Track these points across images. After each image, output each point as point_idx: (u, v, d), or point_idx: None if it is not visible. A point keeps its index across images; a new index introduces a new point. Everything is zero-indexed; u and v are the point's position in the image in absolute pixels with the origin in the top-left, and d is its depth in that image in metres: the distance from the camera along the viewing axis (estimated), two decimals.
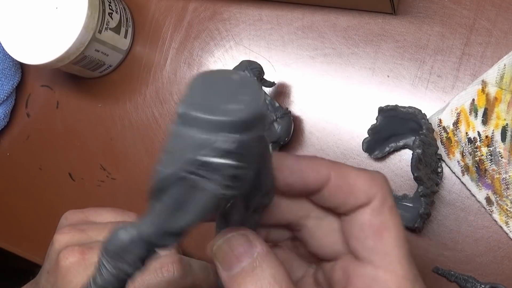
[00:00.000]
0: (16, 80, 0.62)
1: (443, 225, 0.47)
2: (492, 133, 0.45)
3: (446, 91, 0.48)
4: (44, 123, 0.63)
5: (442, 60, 0.48)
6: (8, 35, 0.54)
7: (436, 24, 0.49)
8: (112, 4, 0.56)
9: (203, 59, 0.57)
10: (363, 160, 0.50)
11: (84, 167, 0.60)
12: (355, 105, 0.51)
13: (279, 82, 0.53)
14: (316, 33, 0.52)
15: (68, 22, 0.52)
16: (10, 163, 0.65)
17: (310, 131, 0.52)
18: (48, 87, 0.63)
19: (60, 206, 0.62)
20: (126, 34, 0.58)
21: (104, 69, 0.59)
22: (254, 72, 0.48)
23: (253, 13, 0.55)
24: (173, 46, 0.58)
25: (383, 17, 0.50)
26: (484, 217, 0.46)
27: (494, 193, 0.45)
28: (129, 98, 0.59)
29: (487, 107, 0.45)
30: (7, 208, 0.65)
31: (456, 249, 0.47)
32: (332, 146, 0.51)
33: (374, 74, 0.50)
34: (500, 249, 0.45)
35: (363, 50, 0.51)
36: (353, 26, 0.51)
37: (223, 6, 0.56)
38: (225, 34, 0.56)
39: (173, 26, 0.58)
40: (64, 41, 0.52)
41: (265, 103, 0.50)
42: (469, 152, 0.46)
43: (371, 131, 0.48)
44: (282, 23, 0.54)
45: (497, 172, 0.45)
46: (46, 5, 0.53)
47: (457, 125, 0.46)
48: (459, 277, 0.46)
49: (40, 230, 0.62)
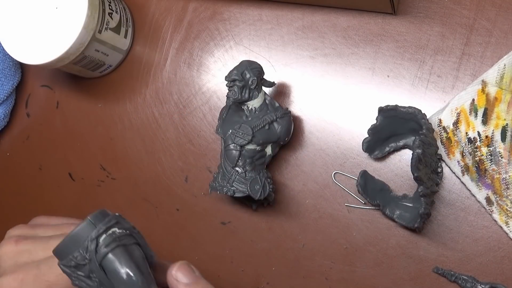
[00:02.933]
0: (16, 80, 0.62)
1: (443, 225, 0.47)
2: (492, 133, 0.45)
3: (446, 91, 0.48)
4: (44, 123, 0.63)
5: (442, 60, 0.48)
6: (8, 35, 0.54)
7: (436, 24, 0.49)
8: (112, 4, 0.56)
9: (203, 59, 0.57)
10: (363, 160, 0.50)
11: (84, 167, 0.60)
12: (355, 105, 0.51)
13: (279, 82, 0.53)
14: (316, 33, 0.52)
15: (68, 22, 0.52)
16: (10, 163, 0.65)
17: (310, 131, 0.52)
18: (48, 87, 0.63)
19: (60, 206, 0.62)
20: (126, 34, 0.58)
21: (104, 69, 0.59)
22: (254, 72, 0.48)
23: (253, 13, 0.55)
24: (173, 46, 0.58)
25: (383, 17, 0.50)
26: (484, 217, 0.46)
27: (494, 193, 0.45)
28: (129, 98, 0.59)
29: (487, 107, 0.45)
30: (7, 208, 0.65)
31: (456, 249, 0.47)
32: (332, 146, 0.51)
33: (374, 74, 0.50)
34: (500, 249, 0.46)
35: (363, 50, 0.51)
36: (353, 26, 0.51)
37: (223, 6, 0.56)
38: (225, 34, 0.56)
39: (173, 26, 0.58)
40: (64, 41, 0.52)
41: (265, 103, 0.50)
42: (469, 152, 0.46)
43: (371, 131, 0.48)
44: (282, 23, 0.54)
45: (497, 172, 0.45)
46: (46, 5, 0.53)
47: (457, 125, 0.46)
48: (459, 277, 0.46)
49: None
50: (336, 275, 0.50)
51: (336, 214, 0.50)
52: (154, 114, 0.58)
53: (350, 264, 0.50)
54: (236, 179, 0.48)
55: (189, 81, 0.57)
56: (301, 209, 0.52)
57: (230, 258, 0.54)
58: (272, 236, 0.52)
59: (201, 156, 0.56)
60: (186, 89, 0.57)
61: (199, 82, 0.57)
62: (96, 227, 0.34)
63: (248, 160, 0.48)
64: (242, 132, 0.48)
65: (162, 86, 0.58)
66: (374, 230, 0.49)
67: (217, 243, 0.54)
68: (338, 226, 0.50)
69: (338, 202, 0.50)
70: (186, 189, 0.56)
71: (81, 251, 0.34)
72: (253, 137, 0.48)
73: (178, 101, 0.57)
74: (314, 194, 0.51)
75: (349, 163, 0.50)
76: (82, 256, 0.34)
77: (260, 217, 0.53)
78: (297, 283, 0.51)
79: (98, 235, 0.34)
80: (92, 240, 0.34)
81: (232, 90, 0.49)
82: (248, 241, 0.53)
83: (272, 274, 0.52)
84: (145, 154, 0.58)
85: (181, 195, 0.56)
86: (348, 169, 0.50)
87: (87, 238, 0.34)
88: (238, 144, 0.48)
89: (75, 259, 0.34)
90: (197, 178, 0.56)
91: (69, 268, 0.34)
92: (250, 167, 0.48)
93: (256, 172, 0.49)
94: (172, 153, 0.57)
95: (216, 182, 0.50)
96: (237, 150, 0.48)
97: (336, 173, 0.51)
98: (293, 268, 0.51)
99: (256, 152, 0.49)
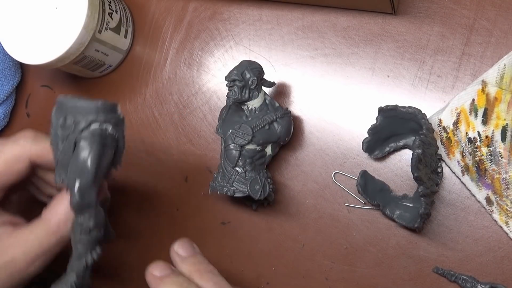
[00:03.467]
0: (16, 80, 0.62)
1: (443, 225, 0.47)
2: (492, 133, 0.45)
3: (446, 91, 0.48)
4: (44, 123, 0.63)
5: (442, 60, 0.48)
6: (8, 35, 0.54)
7: (436, 24, 0.49)
8: (112, 4, 0.56)
9: (203, 59, 0.57)
10: (363, 160, 0.50)
11: None
12: (355, 105, 0.51)
13: (279, 82, 0.53)
14: (316, 33, 0.52)
15: (68, 22, 0.52)
16: None
17: (310, 131, 0.52)
18: (48, 87, 0.63)
19: None
20: (126, 34, 0.58)
21: (104, 69, 0.59)
22: (254, 72, 0.48)
23: (253, 13, 0.55)
24: (173, 46, 0.58)
25: (383, 17, 0.50)
26: (484, 217, 0.46)
27: (494, 193, 0.45)
28: (129, 98, 0.59)
29: (487, 107, 0.45)
30: None
31: (456, 249, 0.47)
32: (332, 146, 0.51)
33: (374, 74, 0.50)
34: (500, 249, 0.46)
35: (363, 50, 0.51)
36: (353, 26, 0.51)
37: (223, 6, 0.56)
38: (225, 34, 0.56)
39: (173, 26, 0.58)
40: (64, 41, 0.52)
41: (265, 103, 0.50)
42: (469, 152, 0.46)
43: (371, 131, 0.48)
44: (282, 23, 0.54)
45: (497, 172, 0.45)
46: (46, 5, 0.53)
47: (457, 125, 0.46)
48: (459, 277, 0.46)
49: None
50: (336, 275, 0.50)
51: (336, 214, 0.50)
52: (154, 114, 0.58)
53: (350, 264, 0.50)
54: (236, 179, 0.48)
55: (189, 81, 0.57)
56: (301, 209, 0.52)
57: (230, 258, 0.54)
58: (272, 236, 0.52)
59: (201, 156, 0.56)
60: (186, 89, 0.57)
61: (199, 82, 0.57)
62: (98, 114, 0.38)
63: (248, 160, 0.48)
64: (242, 132, 0.48)
65: (162, 86, 0.58)
66: (374, 230, 0.49)
67: (217, 243, 0.54)
68: (338, 226, 0.50)
69: (338, 202, 0.50)
70: (186, 189, 0.56)
71: (74, 119, 0.38)
72: (253, 137, 0.48)
73: (178, 101, 0.57)
74: (314, 194, 0.51)
75: (349, 163, 0.50)
76: (72, 122, 0.38)
77: (260, 217, 0.53)
78: (297, 283, 0.51)
79: (92, 120, 0.38)
80: (87, 120, 0.38)
81: (232, 90, 0.49)
82: (248, 241, 0.53)
83: (272, 274, 0.52)
84: (145, 154, 0.58)
85: (181, 195, 0.56)
86: (348, 169, 0.50)
87: (85, 115, 0.38)
88: (238, 144, 0.48)
89: (66, 120, 0.38)
90: (197, 178, 0.56)
91: (57, 123, 0.39)
92: (250, 167, 0.49)
93: (256, 172, 0.49)
94: (172, 153, 0.57)
95: (216, 182, 0.50)
96: (237, 150, 0.48)
97: (336, 173, 0.51)
98: (293, 268, 0.51)
99: (256, 152, 0.49)
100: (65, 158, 0.38)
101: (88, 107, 0.38)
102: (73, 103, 0.39)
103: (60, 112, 0.39)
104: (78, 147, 0.38)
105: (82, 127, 0.38)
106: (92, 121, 0.38)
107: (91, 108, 0.38)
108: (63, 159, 0.39)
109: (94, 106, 0.38)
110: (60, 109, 0.39)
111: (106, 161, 0.39)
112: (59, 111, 0.39)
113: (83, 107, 0.38)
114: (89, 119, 0.38)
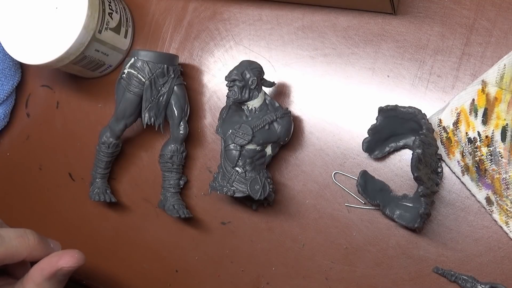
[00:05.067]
0: (16, 80, 0.62)
1: (443, 225, 0.47)
2: (492, 133, 0.45)
3: (446, 91, 0.48)
4: (44, 123, 0.63)
5: (442, 60, 0.48)
6: (8, 35, 0.54)
7: (436, 24, 0.49)
8: (112, 4, 0.56)
9: (203, 59, 0.57)
10: (363, 160, 0.50)
11: (84, 167, 0.60)
12: (355, 105, 0.51)
13: (279, 82, 0.53)
14: (316, 33, 0.52)
15: (68, 22, 0.52)
16: (10, 163, 0.65)
17: (310, 131, 0.52)
18: (48, 87, 0.63)
19: (60, 206, 0.62)
20: (126, 34, 0.58)
21: (104, 69, 0.59)
22: (254, 72, 0.48)
23: (253, 13, 0.55)
24: (173, 46, 0.58)
25: (383, 17, 0.50)
26: (484, 217, 0.46)
27: (494, 193, 0.45)
28: None
29: (487, 107, 0.45)
30: (7, 208, 0.65)
31: (456, 249, 0.47)
32: (332, 146, 0.51)
33: (374, 74, 0.50)
34: (500, 249, 0.46)
35: (363, 50, 0.51)
36: (353, 26, 0.51)
37: (223, 6, 0.56)
38: (225, 34, 0.56)
39: (173, 26, 0.58)
40: (64, 41, 0.52)
41: (265, 103, 0.50)
42: (469, 152, 0.46)
43: (371, 131, 0.48)
44: (282, 23, 0.54)
45: (497, 172, 0.45)
46: (46, 5, 0.53)
47: (457, 125, 0.46)
48: (459, 277, 0.46)
49: (40, 230, 0.62)
50: (336, 275, 0.50)
51: (336, 214, 0.50)
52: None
53: (350, 264, 0.50)
54: (236, 179, 0.48)
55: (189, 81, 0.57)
56: (301, 209, 0.52)
57: (230, 258, 0.54)
58: (272, 236, 0.52)
59: (201, 156, 0.56)
60: None
61: (199, 82, 0.57)
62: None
63: (248, 160, 0.48)
64: (242, 132, 0.48)
65: None
66: (374, 230, 0.49)
67: (217, 243, 0.54)
68: (338, 226, 0.50)
69: (338, 202, 0.50)
70: (186, 189, 0.56)
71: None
72: (253, 137, 0.48)
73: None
74: (314, 194, 0.51)
75: (349, 163, 0.50)
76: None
77: (260, 217, 0.53)
78: (297, 283, 0.51)
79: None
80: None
81: (232, 90, 0.49)
82: (248, 241, 0.53)
83: (272, 274, 0.52)
84: (145, 154, 0.58)
85: (181, 195, 0.56)
86: (348, 169, 0.50)
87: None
88: (238, 144, 0.48)
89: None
90: (197, 178, 0.56)
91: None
92: (250, 167, 0.48)
93: (256, 172, 0.49)
94: None
95: (216, 182, 0.50)
96: (237, 150, 0.48)
97: (336, 173, 0.51)
98: (293, 268, 0.51)
99: (256, 152, 0.49)
100: None
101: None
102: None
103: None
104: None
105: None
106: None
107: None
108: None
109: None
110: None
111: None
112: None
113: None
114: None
